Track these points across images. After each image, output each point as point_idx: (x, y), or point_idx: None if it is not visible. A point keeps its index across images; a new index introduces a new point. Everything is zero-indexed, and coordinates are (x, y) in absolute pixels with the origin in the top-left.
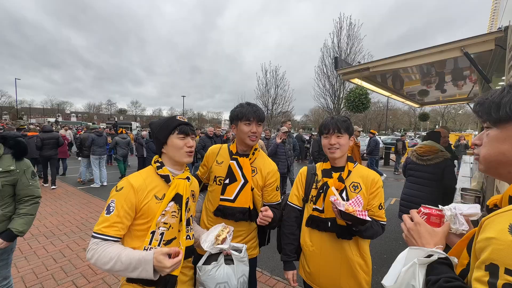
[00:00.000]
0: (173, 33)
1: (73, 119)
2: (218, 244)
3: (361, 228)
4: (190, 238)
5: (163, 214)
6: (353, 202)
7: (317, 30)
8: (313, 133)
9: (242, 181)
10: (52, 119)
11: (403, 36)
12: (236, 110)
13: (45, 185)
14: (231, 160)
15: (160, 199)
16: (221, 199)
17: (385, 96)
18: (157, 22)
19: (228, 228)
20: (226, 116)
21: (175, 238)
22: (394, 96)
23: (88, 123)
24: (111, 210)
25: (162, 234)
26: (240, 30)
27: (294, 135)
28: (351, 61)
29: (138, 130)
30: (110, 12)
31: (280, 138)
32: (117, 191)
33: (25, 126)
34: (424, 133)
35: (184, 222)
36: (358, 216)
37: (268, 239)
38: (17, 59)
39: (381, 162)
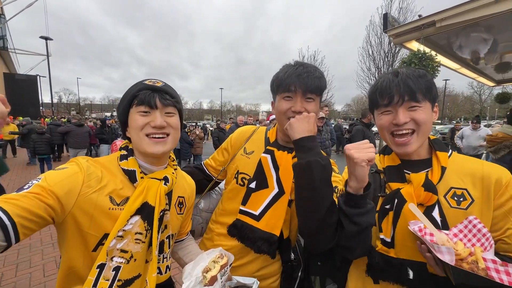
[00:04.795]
0: (221, 23)
1: None
2: (206, 285)
3: None
4: (161, 273)
5: (120, 237)
6: (463, 230)
7: (367, 8)
8: (354, 117)
9: (276, 189)
10: (108, 114)
11: None
12: (274, 77)
13: None
14: (264, 152)
15: (118, 205)
16: (241, 211)
17: (451, 69)
18: (206, 13)
19: (226, 259)
20: (264, 107)
21: (139, 275)
22: (464, 70)
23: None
24: (25, 188)
25: (116, 269)
26: (290, 15)
27: (333, 124)
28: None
29: None
30: (163, 7)
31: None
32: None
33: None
34: (495, 123)
35: (155, 250)
36: (494, 279)
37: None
38: (84, 60)
39: None
